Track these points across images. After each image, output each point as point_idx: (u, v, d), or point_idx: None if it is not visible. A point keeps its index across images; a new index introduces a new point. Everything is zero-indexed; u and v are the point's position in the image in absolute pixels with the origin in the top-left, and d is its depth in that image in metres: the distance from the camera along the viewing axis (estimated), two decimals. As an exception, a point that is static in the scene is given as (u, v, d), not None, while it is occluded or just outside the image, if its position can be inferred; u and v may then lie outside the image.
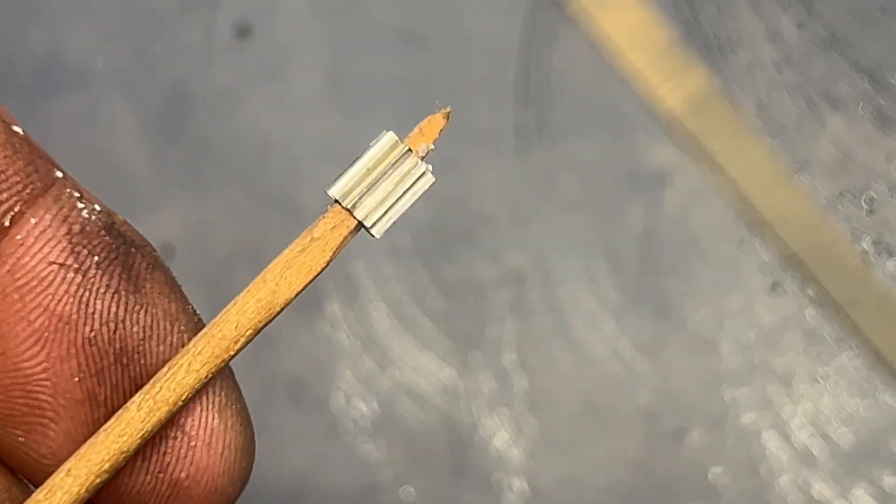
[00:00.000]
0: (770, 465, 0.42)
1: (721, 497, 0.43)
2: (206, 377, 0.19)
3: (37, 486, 0.19)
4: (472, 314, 0.45)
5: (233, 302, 0.20)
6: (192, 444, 0.20)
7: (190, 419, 0.20)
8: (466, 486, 0.43)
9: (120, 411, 0.19)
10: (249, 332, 0.20)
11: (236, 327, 0.20)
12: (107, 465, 0.19)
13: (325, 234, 0.20)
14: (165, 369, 0.19)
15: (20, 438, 0.19)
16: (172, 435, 0.20)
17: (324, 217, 0.20)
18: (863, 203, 0.44)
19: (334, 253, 0.20)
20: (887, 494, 0.42)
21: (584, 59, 0.47)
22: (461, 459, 0.44)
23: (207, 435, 0.20)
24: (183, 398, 0.19)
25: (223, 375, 0.20)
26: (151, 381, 0.19)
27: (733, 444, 0.43)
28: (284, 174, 0.47)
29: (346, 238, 0.20)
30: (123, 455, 0.19)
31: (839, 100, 0.45)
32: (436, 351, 0.45)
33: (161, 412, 0.19)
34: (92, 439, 0.19)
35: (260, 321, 0.20)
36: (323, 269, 0.20)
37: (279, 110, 0.48)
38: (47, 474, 0.19)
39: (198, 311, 0.21)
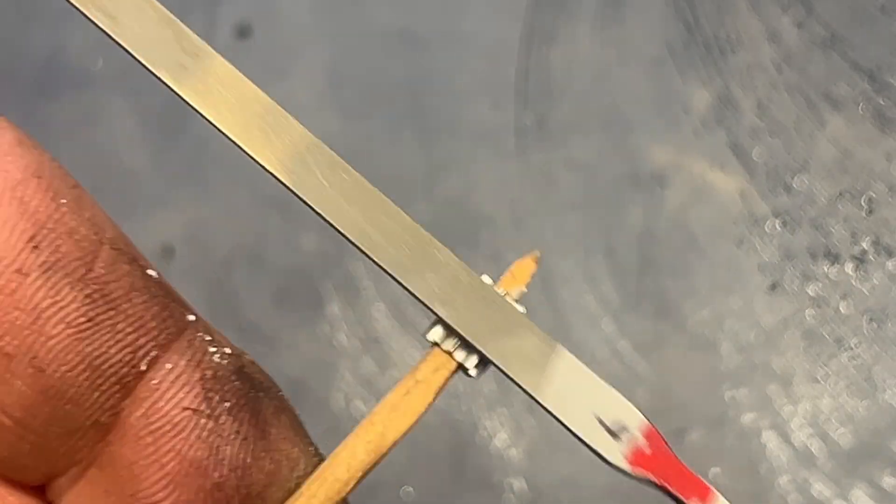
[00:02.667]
0: (770, 465, 0.42)
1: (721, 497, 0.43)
2: None
3: None
4: (472, 314, 0.45)
5: (342, 444, 0.21)
6: None
7: None
8: (466, 486, 0.43)
9: None
10: (360, 473, 0.21)
11: (347, 470, 0.21)
12: None
13: (428, 377, 0.21)
14: None
15: None
16: None
17: (425, 360, 0.21)
18: (862, 203, 0.44)
19: (436, 394, 0.21)
20: (887, 494, 0.42)
21: (584, 59, 0.47)
22: (461, 459, 0.44)
23: None
24: None
25: None
26: None
27: (733, 444, 0.43)
28: (284, 174, 0.47)
29: (447, 380, 0.21)
30: None
31: (839, 100, 0.45)
32: (436, 351, 0.45)
33: None
34: None
35: (370, 462, 0.21)
36: (426, 410, 0.21)
37: (279, 110, 0.48)
38: None
39: (320, 451, 0.22)
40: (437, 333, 0.21)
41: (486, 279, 0.22)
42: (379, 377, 0.45)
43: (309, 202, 0.21)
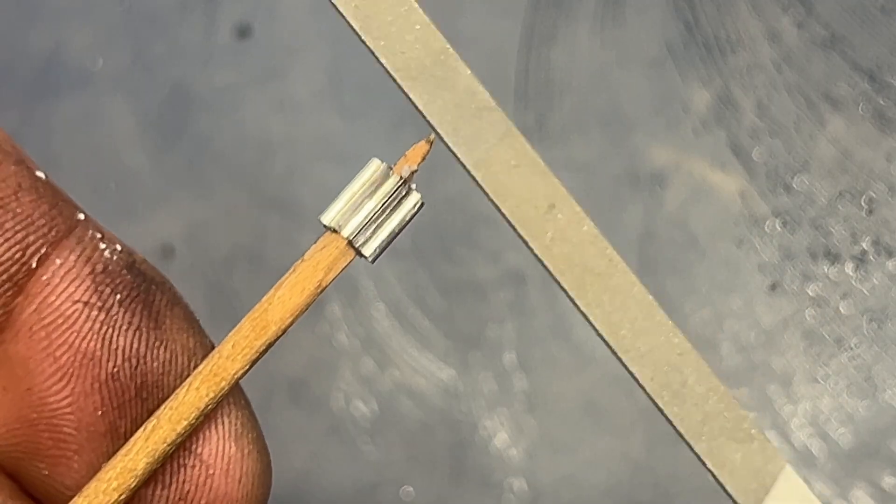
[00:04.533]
0: (770, 465, 0.42)
1: (721, 497, 0.43)
2: (207, 395, 0.20)
3: None
4: (472, 314, 0.45)
5: (237, 327, 0.21)
6: (211, 472, 0.21)
7: (207, 448, 0.21)
8: (466, 486, 0.43)
9: (133, 437, 0.20)
10: (246, 350, 0.20)
11: (233, 346, 0.21)
12: (115, 484, 0.19)
13: (315, 255, 0.21)
14: (174, 393, 0.20)
15: (44, 471, 0.20)
16: (191, 464, 0.20)
17: (317, 244, 0.21)
18: (862, 203, 0.44)
19: (326, 273, 0.21)
20: (887, 494, 0.42)
21: (584, 59, 0.47)
22: (461, 459, 0.44)
23: (225, 463, 0.21)
24: (188, 418, 0.20)
25: (238, 405, 0.21)
26: (162, 407, 0.20)
27: (733, 444, 0.43)
28: (284, 174, 0.47)
29: (336, 258, 0.21)
30: (133, 475, 0.19)
31: (839, 100, 0.45)
32: (436, 351, 0.45)
33: (164, 430, 0.19)
34: (106, 463, 0.20)
35: (255, 339, 0.21)
36: (317, 290, 0.21)
37: (279, 110, 0.48)
38: None
39: (214, 343, 0.22)
40: (328, 216, 0.21)
41: (376, 161, 0.22)
42: (379, 377, 0.45)
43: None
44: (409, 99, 0.22)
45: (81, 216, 0.21)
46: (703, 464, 0.20)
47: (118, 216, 0.48)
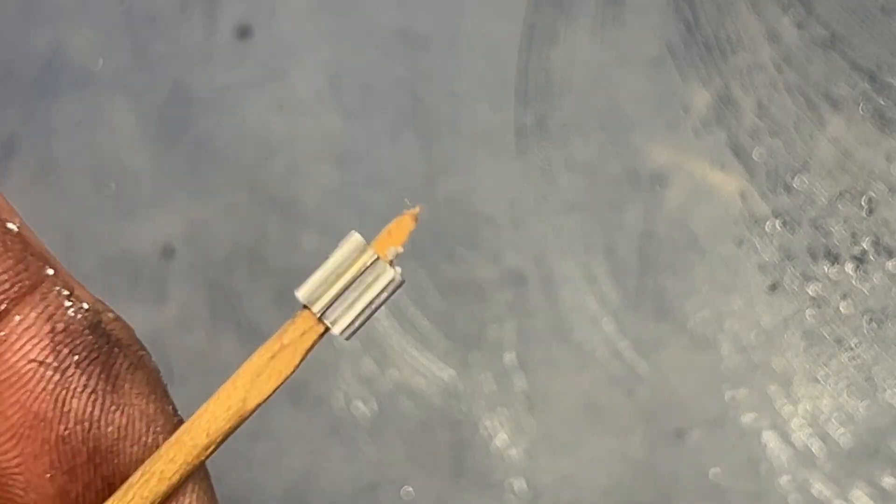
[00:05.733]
0: (770, 465, 0.42)
1: (721, 497, 0.43)
2: (178, 482, 0.20)
3: None
4: (472, 314, 0.45)
5: (203, 408, 0.20)
6: None
7: None
8: (466, 486, 0.43)
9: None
10: (220, 438, 0.20)
11: (207, 435, 0.20)
12: None
13: (295, 341, 0.21)
14: (138, 475, 0.20)
15: None
16: None
17: (293, 322, 0.21)
18: (862, 203, 0.44)
19: (303, 358, 0.21)
20: (887, 494, 0.42)
21: (584, 59, 0.47)
22: (461, 459, 0.44)
23: None
24: (160, 492, 0.20)
25: (197, 477, 0.21)
26: (124, 488, 0.20)
27: (733, 444, 0.43)
28: (284, 174, 0.47)
29: (314, 343, 0.21)
30: None
31: (839, 100, 0.45)
32: (436, 351, 0.45)
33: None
34: None
35: (231, 428, 0.20)
36: (291, 374, 0.21)
37: (279, 110, 0.48)
38: None
39: (178, 412, 0.22)
40: (305, 293, 0.20)
41: (357, 237, 0.21)
42: (379, 377, 0.45)
43: None
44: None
45: (50, 271, 0.20)
46: None
47: (118, 216, 0.48)
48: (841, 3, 0.46)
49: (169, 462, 0.20)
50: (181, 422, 0.21)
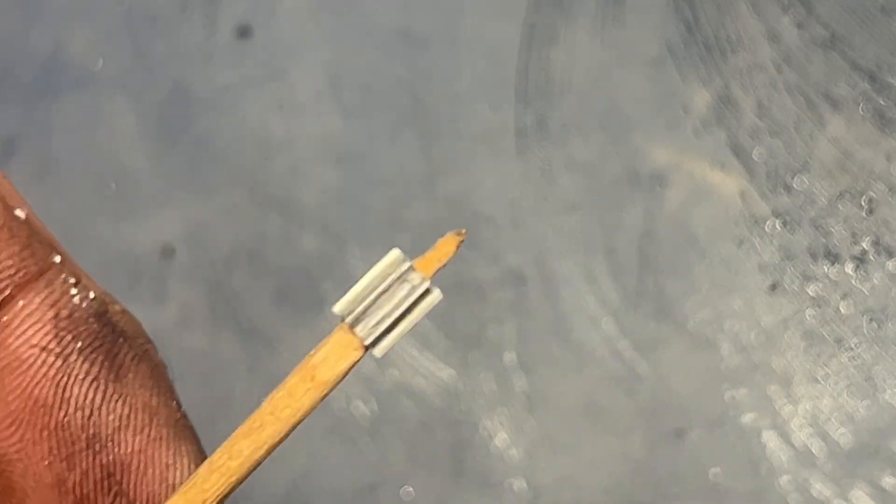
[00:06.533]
0: (770, 465, 0.42)
1: (721, 497, 0.43)
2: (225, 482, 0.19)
3: None
4: (472, 314, 0.45)
5: (248, 426, 0.20)
6: None
7: None
8: (466, 486, 0.43)
9: None
10: (249, 456, 0.20)
11: (229, 454, 0.20)
12: None
13: (330, 359, 0.20)
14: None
15: None
16: None
17: (328, 340, 0.20)
18: (862, 203, 0.44)
19: (339, 380, 0.20)
20: (887, 494, 0.42)
21: (584, 59, 0.47)
22: (461, 459, 0.44)
23: None
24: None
25: None
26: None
27: (733, 444, 0.43)
28: (284, 174, 0.47)
29: (351, 368, 0.20)
30: None
31: (839, 100, 0.45)
32: (436, 351, 0.45)
33: None
34: None
35: (249, 446, 0.20)
36: (326, 395, 0.20)
37: (279, 110, 0.48)
38: None
39: (182, 407, 0.22)
40: (342, 307, 0.20)
41: (397, 252, 0.21)
42: (379, 377, 0.45)
43: None
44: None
45: (57, 258, 0.20)
46: None
47: (118, 216, 0.48)
48: (841, 3, 0.46)
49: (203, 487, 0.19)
50: (185, 417, 0.21)
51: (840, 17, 0.46)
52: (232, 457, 0.20)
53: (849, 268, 0.44)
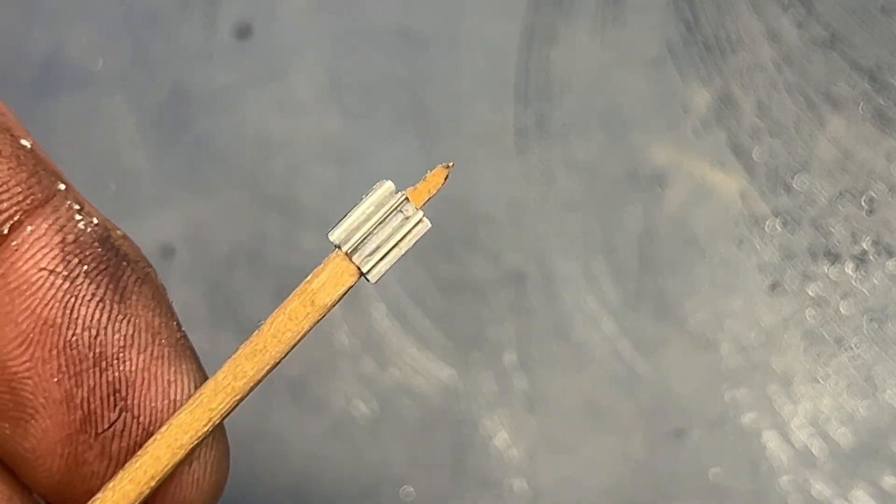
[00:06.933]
0: (770, 465, 0.42)
1: (721, 497, 0.43)
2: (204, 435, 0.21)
3: (22, 477, 0.21)
4: (472, 314, 0.45)
5: (247, 348, 0.21)
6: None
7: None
8: (466, 486, 0.43)
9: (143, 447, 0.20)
10: (255, 368, 0.21)
11: (234, 372, 0.21)
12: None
13: (328, 285, 0.22)
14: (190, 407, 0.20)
15: (6, 431, 0.21)
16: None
17: (326, 267, 0.21)
18: (863, 203, 0.44)
19: (335, 304, 0.22)
20: (887, 494, 0.42)
21: (584, 59, 0.47)
22: (461, 459, 0.44)
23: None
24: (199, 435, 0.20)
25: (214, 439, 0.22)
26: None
27: (733, 444, 0.43)
28: (284, 174, 0.47)
29: (347, 290, 0.21)
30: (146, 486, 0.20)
31: (839, 100, 0.45)
32: (436, 351, 0.45)
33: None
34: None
35: (254, 380, 0.21)
36: (322, 318, 0.22)
37: (279, 110, 0.48)
38: (31, 467, 0.20)
39: (183, 329, 0.23)
40: (337, 235, 0.21)
41: (389, 184, 0.22)
42: (379, 377, 0.45)
43: None
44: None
45: (62, 186, 0.21)
46: None
47: (118, 216, 0.48)
48: (841, 3, 0.46)
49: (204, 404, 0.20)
50: (185, 337, 0.23)
51: (840, 17, 0.46)
52: (237, 377, 0.21)
53: (849, 268, 0.44)
